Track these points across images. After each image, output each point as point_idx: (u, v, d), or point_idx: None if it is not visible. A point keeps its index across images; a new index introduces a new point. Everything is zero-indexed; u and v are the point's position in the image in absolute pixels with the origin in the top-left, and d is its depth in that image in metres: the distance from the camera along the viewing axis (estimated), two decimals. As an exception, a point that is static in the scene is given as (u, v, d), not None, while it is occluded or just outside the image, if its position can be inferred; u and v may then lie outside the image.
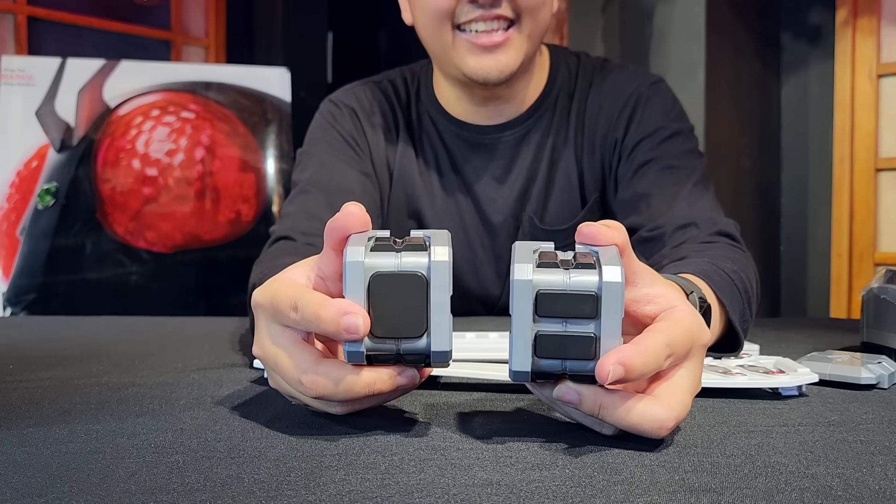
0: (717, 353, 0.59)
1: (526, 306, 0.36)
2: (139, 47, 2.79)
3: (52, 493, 0.32)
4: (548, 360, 0.37)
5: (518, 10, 0.80)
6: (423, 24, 0.84)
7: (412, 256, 0.38)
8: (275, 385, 0.43)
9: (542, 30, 0.84)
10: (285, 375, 0.41)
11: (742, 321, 0.62)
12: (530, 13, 0.81)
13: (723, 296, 0.59)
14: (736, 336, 0.59)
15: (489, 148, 0.91)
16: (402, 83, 0.96)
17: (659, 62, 2.27)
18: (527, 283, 0.36)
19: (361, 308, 0.37)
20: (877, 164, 2.41)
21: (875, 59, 2.39)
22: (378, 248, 0.38)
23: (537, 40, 0.85)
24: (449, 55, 0.83)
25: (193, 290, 2.28)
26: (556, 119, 0.91)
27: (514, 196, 0.91)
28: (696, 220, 0.77)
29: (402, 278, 0.37)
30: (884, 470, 0.35)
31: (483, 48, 0.80)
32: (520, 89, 0.89)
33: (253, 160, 2.35)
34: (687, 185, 0.82)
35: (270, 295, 0.41)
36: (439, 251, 0.37)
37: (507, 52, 0.81)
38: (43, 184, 2.15)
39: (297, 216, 0.82)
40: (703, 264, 0.63)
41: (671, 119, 0.88)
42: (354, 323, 0.37)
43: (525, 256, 0.37)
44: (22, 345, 0.75)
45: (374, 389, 0.39)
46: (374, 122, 0.92)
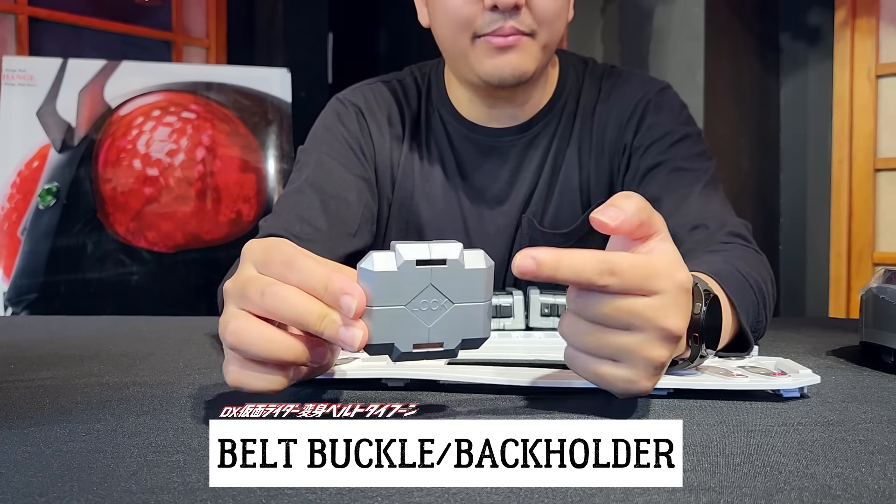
0: (727, 352, 0.59)
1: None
2: (140, 48, 2.79)
3: (54, 492, 0.32)
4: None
5: (536, 20, 0.80)
6: (441, 29, 0.84)
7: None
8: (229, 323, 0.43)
9: (557, 40, 0.85)
10: (251, 291, 0.41)
11: (755, 322, 0.62)
12: (547, 25, 0.81)
13: (733, 295, 0.58)
14: (747, 336, 0.59)
15: (499, 151, 0.91)
16: (413, 82, 0.96)
17: (658, 62, 2.27)
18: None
19: (359, 289, 0.38)
20: (875, 164, 2.42)
21: (874, 60, 2.39)
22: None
23: (551, 50, 0.85)
24: (467, 60, 0.83)
25: (194, 290, 2.28)
26: (562, 124, 0.92)
27: (520, 200, 0.91)
28: (708, 221, 0.77)
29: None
30: (883, 469, 0.35)
31: (498, 49, 0.81)
32: (532, 94, 0.90)
33: (254, 160, 2.35)
34: (697, 186, 0.82)
35: (265, 245, 0.42)
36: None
37: (520, 54, 0.81)
38: (44, 184, 2.15)
39: (289, 216, 0.82)
40: (716, 263, 0.63)
41: (680, 123, 0.88)
42: (348, 304, 0.38)
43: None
44: (23, 344, 0.75)
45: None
46: (380, 122, 0.92)
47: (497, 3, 0.77)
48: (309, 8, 2.96)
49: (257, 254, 0.43)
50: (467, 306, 0.40)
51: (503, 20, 0.79)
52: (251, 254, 0.43)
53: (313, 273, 0.40)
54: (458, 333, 0.40)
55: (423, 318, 0.39)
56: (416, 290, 0.39)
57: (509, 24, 0.79)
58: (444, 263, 0.39)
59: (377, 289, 0.39)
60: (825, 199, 2.51)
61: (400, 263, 0.39)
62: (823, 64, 2.51)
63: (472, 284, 0.39)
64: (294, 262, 0.40)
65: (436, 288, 0.39)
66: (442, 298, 0.39)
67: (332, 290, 0.39)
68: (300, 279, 0.40)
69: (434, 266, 0.39)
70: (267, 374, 0.41)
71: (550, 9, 0.80)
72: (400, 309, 0.39)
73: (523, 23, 0.79)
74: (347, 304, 0.38)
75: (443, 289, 0.39)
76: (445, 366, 0.54)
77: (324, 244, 0.79)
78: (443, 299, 0.39)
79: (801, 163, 2.61)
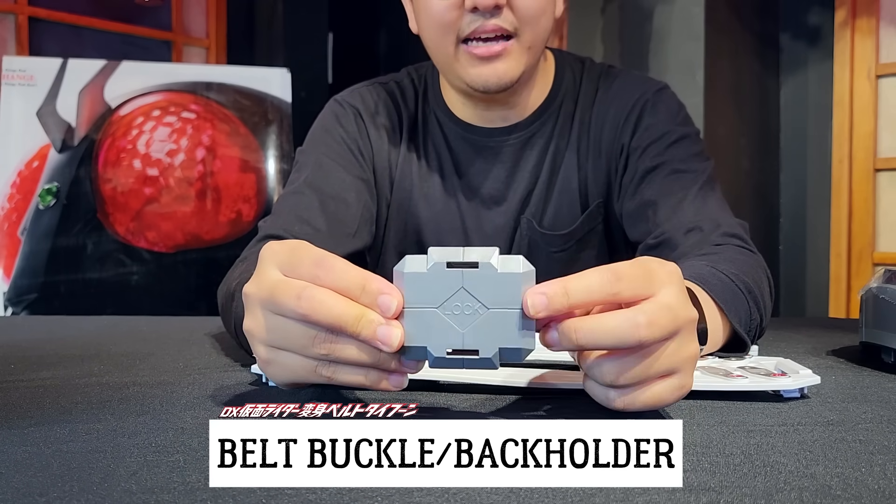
0: (725, 353, 0.59)
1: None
2: (140, 48, 2.79)
3: (54, 492, 0.32)
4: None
5: (518, 20, 0.80)
6: (428, 35, 0.85)
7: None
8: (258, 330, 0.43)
9: (543, 39, 0.85)
10: (284, 295, 0.40)
11: (749, 321, 0.62)
12: (530, 24, 0.81)
13: (719, 297, 0.58)
14: (741, 336, 0.59)
15: (493, 151, 0.91)
16: (410, 84, 0.96)
17: (658, 62, 2.27)
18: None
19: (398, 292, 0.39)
20: (875, 164, 2.42)
21: (874, 60, 2.39)
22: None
23: (538, 50, 0.85)
24: (452, 66, 0.83)
25: (194, 290, 2.28)
26: (559, 124, 0.91)
27: (517, 200, 0.91)
28: (702, 223, 0.77)
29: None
30: (883, 469, 0.35)
31: (482, 59, 0.81)
32: (523, 96, 0.90)
33: (254, 160, 2.35)
34: (693, 188, 0.82)
35: (289, 247, 0.42)
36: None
37: (505, 62, 0.81)
38: (44, 184, 2.15)
39: (289, 217, 0.82)
40: (700, 268, 0.63)
41: (677, 123, 0.88)
42: (387, 303, 0.38)
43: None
44: (23, 344, 0.75)
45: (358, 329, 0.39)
46: (378, 124, 0.92)
47: (477, 5, 0.77)
48: (309, 8, 2.97)
49: (281, 255, 0.42)
50: (503, 312, 0.39)
51: (484, 20, 0.79)
52: (273, 255, 0.43)
53: (348, 274, 0.40)
54: (494, 341, 0.39)
55: (457, 323, 0.39)
56: (448, 293, 0.39)
57: (491, 23, 0.78)
58: (475, 266, 0.39)
59: (409, 290, 0.39)
60: (825, 199, 2.51)
61: (430, 265, 0.38)
62: (823, 64, 2.51)
63: (507, 290, 0.38)
64: (326, 262, 0.40)
65: (468, 292, 0.39)
66: (475, 303, 0.39)
67: (370, 290, 0.39)
68: (334, 280, 0.40)
69: (466, 269, 0.38)
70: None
71: (532, 7, 0.80)
72: (431, 311, 0.39)
73: (506, 20, 0.79)
74: (386, 302, 0.38)
75: (476, 293, 0.39)
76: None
77: (323, 244, 0.79)
78: (476, 304, 0.39)
79: (801, 163, 2.61)
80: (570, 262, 0.93)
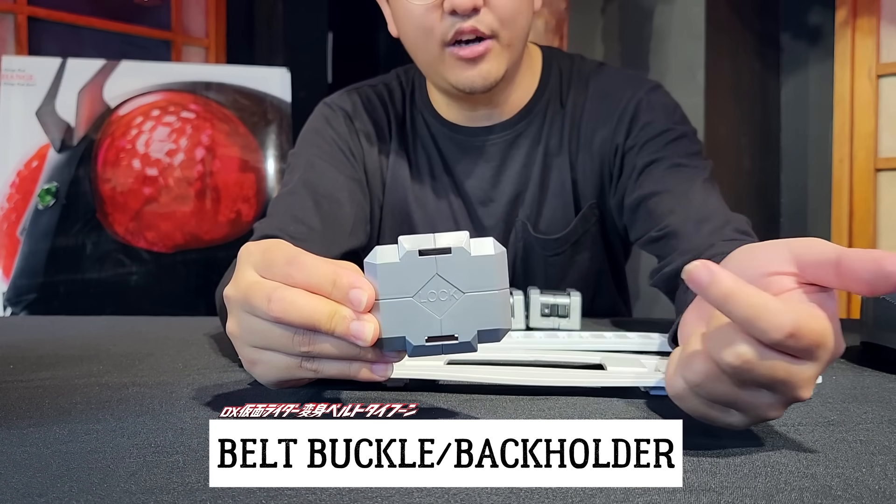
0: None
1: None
2: (139, 47, 2.79)
3: (53, 492, 0.32)
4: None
5: (497, 20, 0.80)
6: (409, 38, 0.85)
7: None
8: (237, 331, 0.43)
9: (524, 36, 0.84)
10: (255, 298, 0.40)
11: None
12: (509, 23, 0.81)
13: None
14: None
15: (479, 150, 0.91)
16: (398, 85, 0.96)
17: (658, 62, 2.27)
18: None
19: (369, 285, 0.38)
20: (876, 164, 2.42)
21: (874, 60, 2.39)
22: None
23: (520, 47, 0.85)
24: (437, 68, 0.83)
25: (194, 290, 2.28)
26: (547, 123, 0.91)
27: (506, 200, 0.91)
28: (711, 216, 0.74)
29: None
30: (883, 470, 0.35)
31: (468, 61, 0.81)
32: (509, 93, 0.89)
33: (253, 160, 2.35)
34: (697, 181, 0.79)
35: (263, 247, 0.42)
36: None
37: (489, 62, 0.81)
38: (43, 184, 2.15)
39: (284, 217, 0.82)
40: None
41: (675, 122, 0.86)
42: (358, 297, 0.38)
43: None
44: (22, 345, 0.75)
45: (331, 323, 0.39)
46: (367, 126, 0.92)
47: (455, 8, 0.77)
48: (308, 8, 2.96)
49: (255, 255, 0.42)
50: (479, 295, 0.39)
51: (463, 22, 0.79)
52: (249, 256, 0.43)
53: (319, 270, 0.40)
54: (472, 325, 0.39)
55: (434, 310, 0.39)
56: (423, 281, 0.39)
57: (469, 24, 0.78)
58: (448, 252, 0.39)
59: (383, 282, 0.39)
60: (826, 199, 2.51)
61: (402, 254, 0.38)
62: (824, 63, 2.51)
63: (481, 273, 0.39)
64: (298, 260, 0.40)
65: (442, 277, 0.39)
66: (451, 288, 0.39)
67: (341, 285, 0.39)
68: (306, 277, 0.40)
69: (438, 255, 0.38)
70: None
71: (510, 7, 0.80)
72: (407, 301, 0.39)
73: (483, 22, 0.79)
74: (357, 297, 0.38)
75: (450, 278, 0.39)
76: (445, 366, 0.54)
77: (319, 243, 0.80)
78: (452, 289, 0.39)
79: (801, 162, 2.61)
80: (566, 265, 0.93)
